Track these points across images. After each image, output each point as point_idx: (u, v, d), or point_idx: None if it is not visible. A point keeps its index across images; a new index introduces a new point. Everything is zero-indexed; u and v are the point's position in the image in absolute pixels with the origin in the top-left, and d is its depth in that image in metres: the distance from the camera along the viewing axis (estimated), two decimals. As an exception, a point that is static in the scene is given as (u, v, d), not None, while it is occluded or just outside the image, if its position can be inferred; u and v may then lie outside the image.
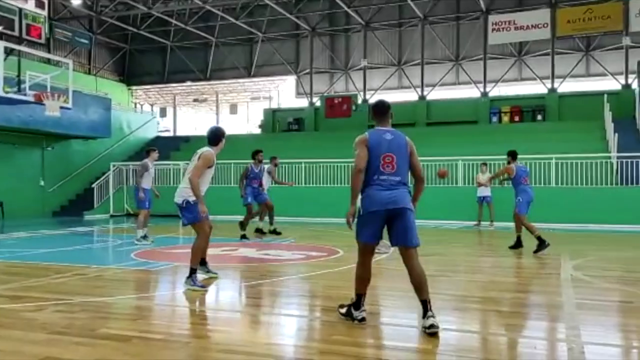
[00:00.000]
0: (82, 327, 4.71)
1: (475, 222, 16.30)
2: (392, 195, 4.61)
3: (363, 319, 4.79)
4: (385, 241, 8.92)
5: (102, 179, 22.50)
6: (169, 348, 4.16)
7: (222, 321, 5.28)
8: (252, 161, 12.57)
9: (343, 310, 4.95)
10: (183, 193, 6.62)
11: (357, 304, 4.85)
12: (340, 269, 8.08)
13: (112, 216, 20.96)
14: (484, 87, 25.26)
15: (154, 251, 9.96)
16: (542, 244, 9.61)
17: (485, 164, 16.65)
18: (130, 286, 7.10)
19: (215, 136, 6.81)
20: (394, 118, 5.11)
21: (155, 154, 11.44)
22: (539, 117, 23.79)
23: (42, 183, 22.24)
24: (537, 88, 25.66)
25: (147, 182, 11.22)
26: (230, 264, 8.95)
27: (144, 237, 11.15)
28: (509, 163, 10.36)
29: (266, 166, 13.07)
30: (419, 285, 4.68)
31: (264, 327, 5.15)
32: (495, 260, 9.81)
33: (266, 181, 12.90)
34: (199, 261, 6.73)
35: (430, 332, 4.41)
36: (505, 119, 24.21)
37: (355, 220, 4.75)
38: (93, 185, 22.34)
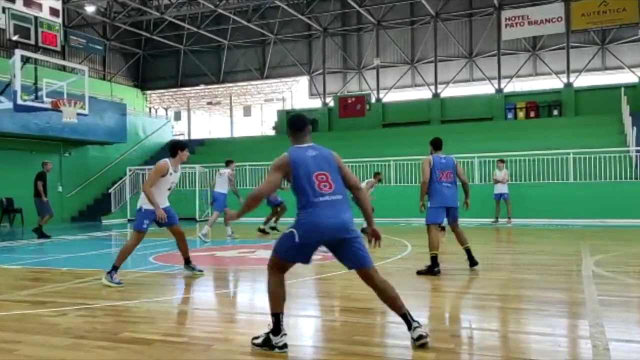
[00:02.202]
0: (104, 331, 4.75)
1: (492, 220, 16.19)
2: (337, 222, 4.12)
3: (285, 346, 4.11)
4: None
5: (118, 183, 22.71)
6: (191, 351, 4.18)
7: (243, 323, 5.29)
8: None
9: (259, 341, 4.19)
10: (141, 200, 7.28)
11: (277, 327, 4.18)
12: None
13: (129, 220, 21.11)
14: (499, 83, 25.06)
15: (172, 255, 10.01)
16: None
17: (502, 161, 16.53)
18: (150, 290, 7.14)
19: (172, 148, 7.46)
20: (310, 130, 4.51)
21: (233, 165, 13.82)
22: (555, 112, 23.55)
23: (60, 189, 22.48)
24: (552, 83, 25.41)
25: (222, 187, 13.17)
26: (248, 266, 8.98)
27: (206, 235, 12.73)
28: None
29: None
30: (392, 301, 4.31)
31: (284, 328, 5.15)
32: (514, 257, 9.73)
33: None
34: (123, 262, 7.24)
35: (421, 344, 4.10)
36: (521, 114, 24.00)
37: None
38: (110, 190, 22.55)
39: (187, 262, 7.76)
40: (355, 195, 4.40)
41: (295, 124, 4.43)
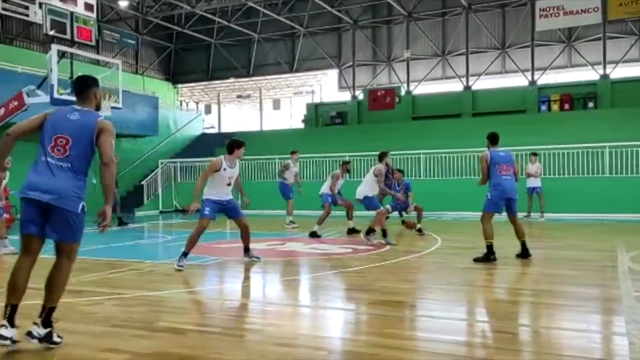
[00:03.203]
0: (139, 320, 4.85)
1: (525, 214, 15.93)
2: (47, 183, 3.93)
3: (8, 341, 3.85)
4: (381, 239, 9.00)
5: (150, 176, 23.08)
6: (224, 341, 4.24)
7: (274, 314, 5.34)
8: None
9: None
10: (204, 191, 7.81)
11: (11, 317, 3.95)
12: (388, 263, 8.05)
13: (161, 212, 21.49)
14: (532, 75, 24.59)
15: (203, 246, 10.15)
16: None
17: (534, 154, 16.24)
18: (182, 280, 7.26)
19: (229, 146, 7.89)
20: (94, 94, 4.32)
21: (296, 155, 14.47)
22: (591, 104, 23.00)
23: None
24: (588, 74, 24.79)
25: (289, 178, 13.99)
26: (278, 259, 9.05)
27: (292, 222, 13.49)
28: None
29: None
30: (50, 288, 4.11)
31: (314, 320, 5.20)
32: (547, 252, 9.57)
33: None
34: (191, 249, 7.69)
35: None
36: (555, 107, 23.51)
37: None
38: (142, 183, 22.94)
39: (247, 250, 8.17)
40: (101, 170, 4.19)
41: (76, 85, 4.36)
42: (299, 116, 31.77)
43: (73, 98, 14.60)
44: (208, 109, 35.54)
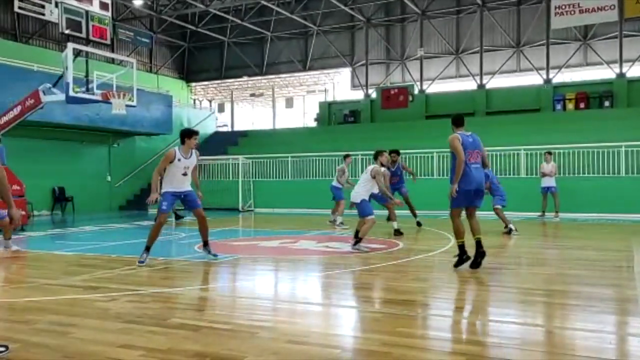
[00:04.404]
0: (153, 317, 4.90)
1: (539, 213, 15.83)
2: None
3: None
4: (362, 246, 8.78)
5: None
6: (237, 338, 4.27)
7: (286, 312, 5.37)
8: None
9: None
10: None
11: None
12: (400, 262, 8.05)
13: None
14: (547, 73, 24.38)
15: (215, 244, 10.21)
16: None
17: (549, 153, 16.11)
18: (195, 277, 7.32)
19: (181, 136, 8.01)
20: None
21: (350, 159, 14.17)
22: (607, 103, 22.75)
23: (109, 179, 23.20)
24: (604, 73, 24.52)
25: (343, 182, 13.61)
26: (290, 256, 9.08)
27: (342, 223, 13.08)
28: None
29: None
30: None
31: (326, 318, 5.21)
32: (561, 252, 9.50)
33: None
34: (152, 242, 7.98)
35: None
36: (570, 106, 23.30)
37: None
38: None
39: (206, 244, 8.23)
40: None
41: None
42: (312, 115, 31.79)
43: (89, 96, 14.75)
44: (221, 108, 35.67)
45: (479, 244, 7.10)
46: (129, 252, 9.09)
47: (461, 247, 7.22)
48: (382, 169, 9.89)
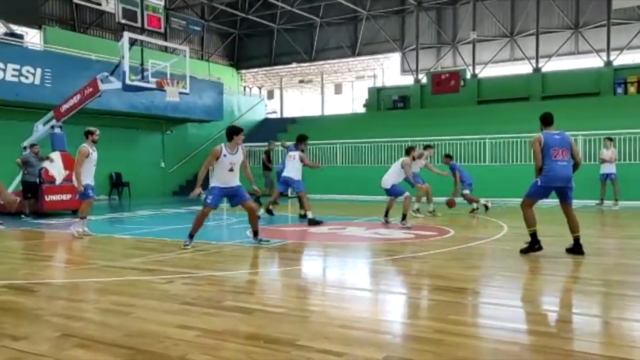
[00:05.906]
0: (208, 299, 5.05)
1: (597, 201, 15.30)
2: None
3: None
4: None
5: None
6: (289, 321, 4.35)
7: (336, 297, 5.41)
8: None
9: None
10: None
11: None
12: (451, 249, 7.97)
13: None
14: (607, 55, 23.38)
15: (266, 229, 10.38)
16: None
17: (610, 139, 15.50)
18: (247, 262, 7.47)
19: (228, 133, 8.21)
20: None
21: (414, 152, 13.01)
22: (671, 86, 21.68)
23: (162, 165, 23.84)
24: (668, 54, 23.38)
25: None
26: (338, 242, 9.13)
27: (418, 209, 12.94)
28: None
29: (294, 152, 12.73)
30: None
31: (376, 304, 5.23)
32: (620, 241, 9.18)
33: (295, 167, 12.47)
34: (196, 231, 8.17)
35: None
36: (632, 89, 22.31)
37: None
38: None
39: (256, 234, 8.41)
40: None
41: None
42: (361, 101, 31.64)
43: (144, 84, 15.11)
44: (270, 94, 35.98)
45: (577, 242, 7.30)
46: (182, 237, 9.35)
47: (533, 236, 7.29)
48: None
